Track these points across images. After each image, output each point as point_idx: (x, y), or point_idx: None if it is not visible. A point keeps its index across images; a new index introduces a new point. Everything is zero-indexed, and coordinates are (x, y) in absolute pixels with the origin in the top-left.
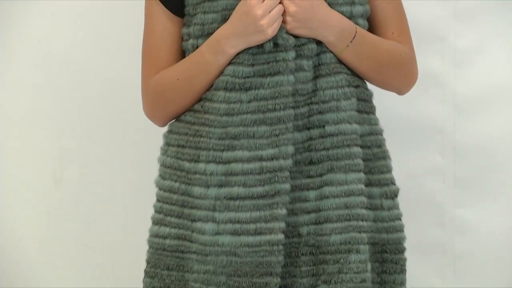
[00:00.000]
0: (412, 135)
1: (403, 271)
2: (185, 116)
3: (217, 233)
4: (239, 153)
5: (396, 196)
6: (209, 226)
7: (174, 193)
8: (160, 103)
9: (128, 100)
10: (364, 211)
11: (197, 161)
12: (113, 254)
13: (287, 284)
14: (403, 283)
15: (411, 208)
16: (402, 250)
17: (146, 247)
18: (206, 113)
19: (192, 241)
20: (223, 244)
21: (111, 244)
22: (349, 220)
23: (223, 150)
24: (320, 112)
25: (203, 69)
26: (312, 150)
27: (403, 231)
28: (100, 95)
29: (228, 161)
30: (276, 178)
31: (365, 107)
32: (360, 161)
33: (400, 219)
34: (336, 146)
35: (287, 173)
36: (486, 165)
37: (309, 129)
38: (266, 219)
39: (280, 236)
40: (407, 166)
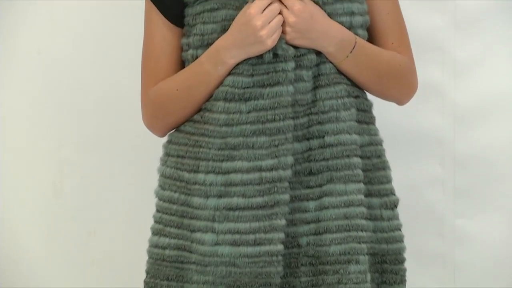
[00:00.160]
0: (412, 146)
1: (403, 282)
2: (185, 127)
3: (217, 244)
4: (239, 164)
5: (396, 207)
6: (209, 237)
7: (174, 204)
8: (160, 114)
9: (128, 111)
10: (364, 222)
11: (197, 172)
12: (113, 265)
13: None
14: None
15: (411, 219)
16: (402, 261)
17: (146, 258)
18: (206, 124)
19: (192, 252)
20: (223, 255)
21: (111, 255)
22: (349, 231)
23: (223, 161)
24: (320, 123)
25: (203, 80)
26: (312, 161)
27: (403, 242)
28: (100, 106)
29: (228, 172)
30: (276, 189)
31: (365, 118)
32: (360, 172)
33: (400, 230)
34: (336, 157)
35: (287, 184)
36: (486, 176)
37: (309, 140)
38: (266, 230)
39: (279, 247)
40: (407, 177)
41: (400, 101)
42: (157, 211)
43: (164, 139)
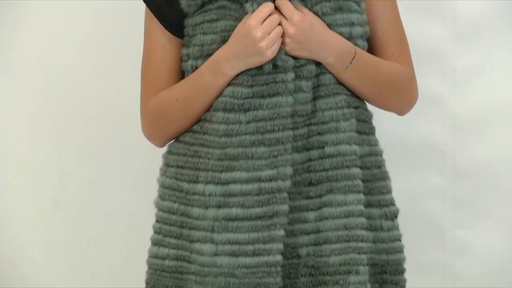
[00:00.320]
0: (412, 156)
1: None
2: (184, 137)
3: (216, 254)
4: (238, 174)
5: (396, 217)
6: (208, 247)
7: (173, 214)
8: (159, 124)
9: (128, 121)
10: (364, 232)
11: (196, 182)
12: (113, 275)
13: None
14: None
15: (411, 229)
16: (402, 271)
17: (145, 268)
18: (205, 134)
19: (191, 262)
20: (221, 265)
21: (111, 265)
22: (349, 241)
23: (222, 171)
24: (320, 133)
25: (202, 90)
26: (312, 171)
27: (403, 252)
28: (100, 116)
29: (227, 182)
30: (274, 199)
31: (365, 128)
32: (360, 182)
33: (400, 240)
34: (336, 167)
35: (286, 194)
36: (486, 186)
37: (309, 150)
38: (264, 240)
39: (278, 258)
40: (407, 187)
41: (401, 111)
42: (157, 222)
43: (164, 149)
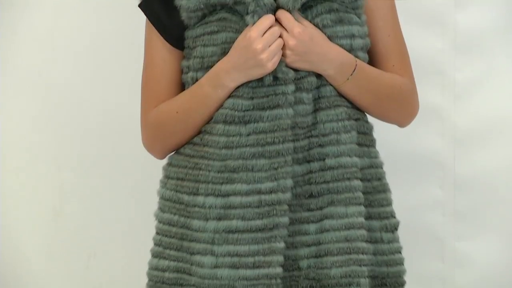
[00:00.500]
0: (412, 168)
1: None
2: (185, 149)
3: (216, 266)
4: (238, 186)
5: (396, 229)
6: (208, 259)
7: (173, 226)
8: (159, 136)
9: (128, 133)
10: (365, 244)
11: (196, 194)
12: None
13: None
14: None
15: (411, 241)
16: (402, 284)
17: (146, 280)
18: (205, 146)
19: (191, 274)
20: (222, 277)
21: (111, 277)
22: (350, 253)
23: (222, 183)
24: (320, 145)
25: (203, 102)
26: (312, 183)
27: (403, 264)
28: (100, 128)
29: (227, 194)
30: (275, 212)
31: (365, 140)
32: (361, 194)
33: (400, 252)
34: (337, 179)
35: (286, 207)
36: (486, 198)
37: (309, 162)
38: (265, 253)
39: (278, 270)
40: (407, 199)
41: (401, 123)
42: (157, 234)
43: (164, 161)
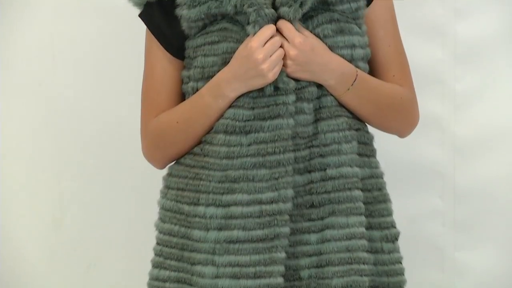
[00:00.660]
0: (412, 178)
1: None
2: (185, 159)
3: (217, 277)
4: (239, 196)
5: (397, 239)
6: (209, 270)
7: (174, 236)
8: (160, 146)
9: (128, 143)
10: (366, 255)
11: (197, 204)
12: None
13: None
14: None
15: (412, 251)
16: None
17: None
18: (206, 156)
19: (192, 285)
20: None
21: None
22: (351, 264)
23: (223, 193)
24: (321, 155)
25: (203, 112)
26: (313, 193)
27: (404, 275)
28: (100, 138)
29: (228, 204)
30: (276, 222)
31: (366, 150)
32: (361, 204)
33: (401, 263)
34: (338, 189)
35: (287, 217)
36: (486, 208)
37: (310, 172)
38: (266, 263)
39: (279, 280)
40: (408, 209)
41: (402, 134)
42: (157, 244)
43: (164, 172)
